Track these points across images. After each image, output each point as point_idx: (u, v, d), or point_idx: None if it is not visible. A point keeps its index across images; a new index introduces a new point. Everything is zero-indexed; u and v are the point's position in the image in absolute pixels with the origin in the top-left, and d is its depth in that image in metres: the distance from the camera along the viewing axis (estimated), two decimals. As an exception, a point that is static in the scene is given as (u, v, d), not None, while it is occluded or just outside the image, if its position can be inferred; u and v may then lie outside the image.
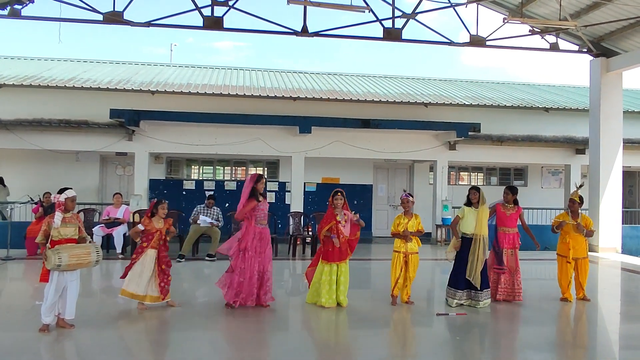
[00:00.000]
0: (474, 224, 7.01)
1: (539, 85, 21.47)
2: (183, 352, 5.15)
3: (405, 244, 7.05)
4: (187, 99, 14.76)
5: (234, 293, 6.65)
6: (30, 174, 14.35)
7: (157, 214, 6.69)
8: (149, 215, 6.70)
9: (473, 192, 7.15)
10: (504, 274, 7.30)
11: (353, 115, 14.17)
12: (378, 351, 5.47)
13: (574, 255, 7.48)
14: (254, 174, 6.92)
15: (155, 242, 6.59)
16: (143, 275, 6.49)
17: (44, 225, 5.59)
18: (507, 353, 5.51)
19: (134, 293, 6.49)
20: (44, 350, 5.18)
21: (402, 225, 7.07)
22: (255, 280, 6.66)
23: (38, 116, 13.69)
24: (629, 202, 17.62)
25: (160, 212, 6.71)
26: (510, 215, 7.40)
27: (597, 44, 13.84)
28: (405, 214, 7.16)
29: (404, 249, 7.04)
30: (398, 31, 12.40)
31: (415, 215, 7.20)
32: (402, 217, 7.14)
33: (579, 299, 7.60)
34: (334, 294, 6.90)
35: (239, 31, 12.38)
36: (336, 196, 6.97)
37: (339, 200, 6.95)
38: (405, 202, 7.17)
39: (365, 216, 15.80)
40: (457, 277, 7.08)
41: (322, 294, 6.86)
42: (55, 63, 18.34)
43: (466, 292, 7.03)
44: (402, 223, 7.08)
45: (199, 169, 16.22)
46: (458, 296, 7.03)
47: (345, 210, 7.02)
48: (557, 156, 15.56)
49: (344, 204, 7.01)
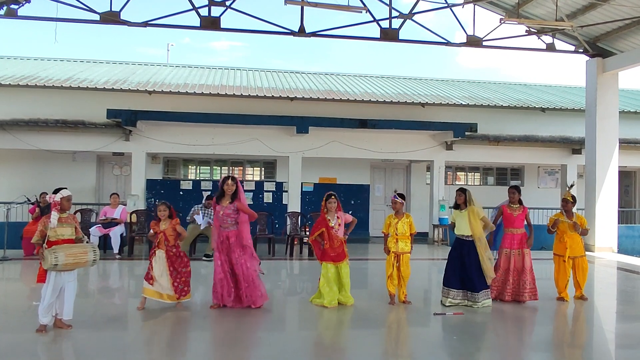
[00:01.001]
0: (466, 225, 7.02)
1: (535, 86, 21.53)
2: (180, 352, 5.15)
3: (396, 243, 7.09)
4: (184, 99, 14.75)
5: (213, 294, 6.76)
6: (27, 174, 14.31)
7: (160, 218, 6.76)
8: (157, 220, 6.80)
9: (459, 194, 7.17)
10: (511, 275, 7.30)
11: (350, 116, 14.18)
12: (374, 351, 5.48)
13: (571, 254, 7.50)
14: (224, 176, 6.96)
15: (161, 244, 6.63)
16: (163, 276, 6.55)
17: (40, 225, 5.58)
18: (503, 352, 5.52)
19: (155, 291, 6.55)
20: (42, 351, 5.17)
21: (392, 226, 7.13)
22: (227, 282, 6.66)
23: (34, 116, 13.66)
24: (625, 202, 17.68)
25: (159, 215, 6.76)
26: (517, 215, 7.39)
27: (593, 45, 13.89)
28: (396, 214, 7.19)
29: (395, 249, 7.09)
30: (395, 31, 12.42)
31: (406, 214, 7.22)
32: (393, 218, 7.18)
33: (576, 299, 7.62)
34: (335, 295, 6.93)
35: (236, 31, 12.37)
36: (329, 200, 7.00)
37: (332, 203, 6.98)
38: (394, 203, 7.21)
39: (362, 216, 15.88)
40: (450, 276, 7.11)
41: (324, 294, 6.90)
42: (51, 63, 18.29)
43: (462, 292, 7.05)
44: (392, 223, 7.13)
45: (196, 169, 16.20)
46: (452, 295, 7.05)
47: (339, 212, 7.04)
48: (554, 156, 15.61)
49: (338, 207, 7.03)
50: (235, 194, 6.74)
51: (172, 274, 6.57)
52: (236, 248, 6.71)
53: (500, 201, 7.76)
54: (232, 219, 6.73)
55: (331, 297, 6.89)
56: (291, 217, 12.83)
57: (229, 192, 6.73)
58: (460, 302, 7.02)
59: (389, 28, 12.43)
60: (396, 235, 7.09)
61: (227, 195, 6.73)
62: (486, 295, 7.06)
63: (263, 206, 15.00)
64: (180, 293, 6.59)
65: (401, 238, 7.10)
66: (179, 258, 6.67)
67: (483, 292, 7.03)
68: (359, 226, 7.89)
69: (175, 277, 6.59)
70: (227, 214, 6.70)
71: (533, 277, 7.31)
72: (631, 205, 18.12)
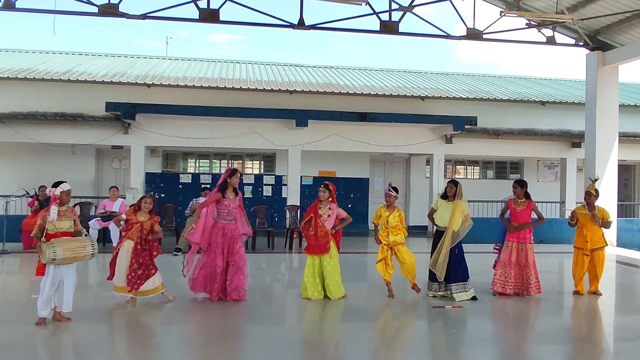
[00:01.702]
0: (447, 217, 7.01)
1: (535, 79, 21.48)
2: (178, 345, 5.17)
3: (387, 236, 7.12)
4: (183, 92, 14.70)
5: (195, 284, 6.72)
6: (26, 168, 14.29)
7: (142, 209, 6.59)
8: (136, 209, 6.62)
9: (450, 186, 7.15)
10: (514, 268, 7.29)
11: (350, 109, 14.15)
12: (372, 343, 5.49)
13: (592, 247, 7.49)
14: (229, 167, 6.90)
15: (134, 234, 6.45)
16: (121, 268, 6.42)
17: (39, 219, 5.58)
18: (502, 345, 5.53)
19: (118, 286, 6.48)
20: (41, 343, 5.19)
21: (382, 218, 7.16)
22: (219, 277, 6.63)
23: (33, 109, 13.62)
24: (624, 196, 17.67)
25: (143, 207, 6.57)
26: (521, 210, 7.34)
27: (594, 38, 13.85)
28: (388, 207, 7.20)
29: (386, 241, 7.13)
30: (395, 24, 12.36)
31: (397, 208, 7.24)
32: (384, 210, 7.20)
33: (590, 293, 7.59)
34: (319, 287, 6.94)
35: (235, 24, 12.31)
36: (320, 188, 7.01)
37: (321, 192, 6.97)
38: (388, 196, 7.22)
39: (362, 210, 15.89)
40: (430, 269, 7.17)
41: (307, 286, 6.93)
42: (50, 56, 18.23)
43: (444, 284, 7.08)
44: (384, 216, 7.16)
45: (196, 162, 16.18)
46: (434, 288, 7.13)
47: (333, 204, 7.03)
48: (553, 149, 15.60)
49: (330, 197, 7.00)
50: (239, 189, 6.80)
51: (131, 266, 6.36)
52: (239, 239, 6.75)
53: (499, 195, 7.74)
54: (235, 212, 6.77)
55: (314, 289, 6.91)
56: (290, 210, 12.83)
57: (235, 185, 6.73)
58: (443, 293, 7.08)
59: (389, 21, 12.37)
60: (387, 228, 7.13)
61: (232, 187, 6.72)
62: (462, 288, 7.03)
63: (262, 199, 15.00)
64: (132, 286, 6.36)
65: (392, 231, 7.14)
66: (144, 253, 6.45)
67: (459, 284, 7.02)
68: (357, 220, 7.91)
69: (132, 269, 6.35)
70: (234, 207, 6.73)
71: (536, 271, 7.31)
72: (630, 199, 18.13)
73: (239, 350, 5.15)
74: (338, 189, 16.24)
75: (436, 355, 5.26)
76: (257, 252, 10.94)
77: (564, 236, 12.76)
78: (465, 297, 7.01)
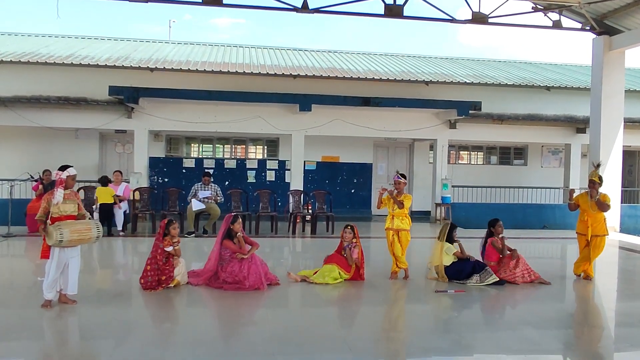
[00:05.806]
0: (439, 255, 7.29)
1: (540, 64, 21.30)
2: (183, 328, 5.21)
3: (392, 220, 7.20)
4: (186, 76, 14.64)
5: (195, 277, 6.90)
6: (30, 152, 14.31)
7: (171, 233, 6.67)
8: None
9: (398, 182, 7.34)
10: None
11: (353, 93, 14.08)
12: (376, 326, 5.53)
13: (593, 233, 7.54)
14: (228, 215, 6.94)
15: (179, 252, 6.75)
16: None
17: (44, 202, 5.60)
18: (503, 329, 5.56)
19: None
20: (47, 326, 5.24)
21: (389, 205, 7.24)
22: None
23: (36, 93, 13.62)
24: (628, 182, 17.63)
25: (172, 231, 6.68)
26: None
27: (600, 22, 13.69)
28: (397, 194, 7.24)
29: (391, 225, 7.22)
30: (399, 7, 12.26)
31: (405, 195, 7.29)
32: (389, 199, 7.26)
33: (582, 272, 7.67)
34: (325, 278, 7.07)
35: (238, 7, 12.23)
36: (346, 229, 7.25)
37: (347, 234, 7.22)
38: (397, 183, 7.27)
39: (365, 195, 15.90)
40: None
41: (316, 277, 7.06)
42: (53, 40, 18.15)
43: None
44: (390, 203, 7.23)
45: (199, 147, 16.18)
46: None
47: (357, 241, 7.22)
48: (558, 135, 15.53)
49: (355, 237, 7.22)
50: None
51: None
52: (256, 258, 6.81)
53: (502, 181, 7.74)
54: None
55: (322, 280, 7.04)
56: (294, 195, 12.84)
57: (238, 231, 6.81)
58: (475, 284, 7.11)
59: (393, 4, 12.28)
60: (392, 212, 7.20)
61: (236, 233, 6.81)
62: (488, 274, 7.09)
63: (266, 184, 15.02)
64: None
65: (397, 215, 7.19)
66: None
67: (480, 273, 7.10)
68: (361, 204, 7.94)
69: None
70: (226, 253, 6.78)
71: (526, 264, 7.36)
72: (634, 185, 18.07)
73: (249, 333, 5.18)
74: (341, 174, 16.37)
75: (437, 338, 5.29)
76: (261, 237, 10.96)
77: (567, 222, 12.75)
78: (492, 279, 7.04)
